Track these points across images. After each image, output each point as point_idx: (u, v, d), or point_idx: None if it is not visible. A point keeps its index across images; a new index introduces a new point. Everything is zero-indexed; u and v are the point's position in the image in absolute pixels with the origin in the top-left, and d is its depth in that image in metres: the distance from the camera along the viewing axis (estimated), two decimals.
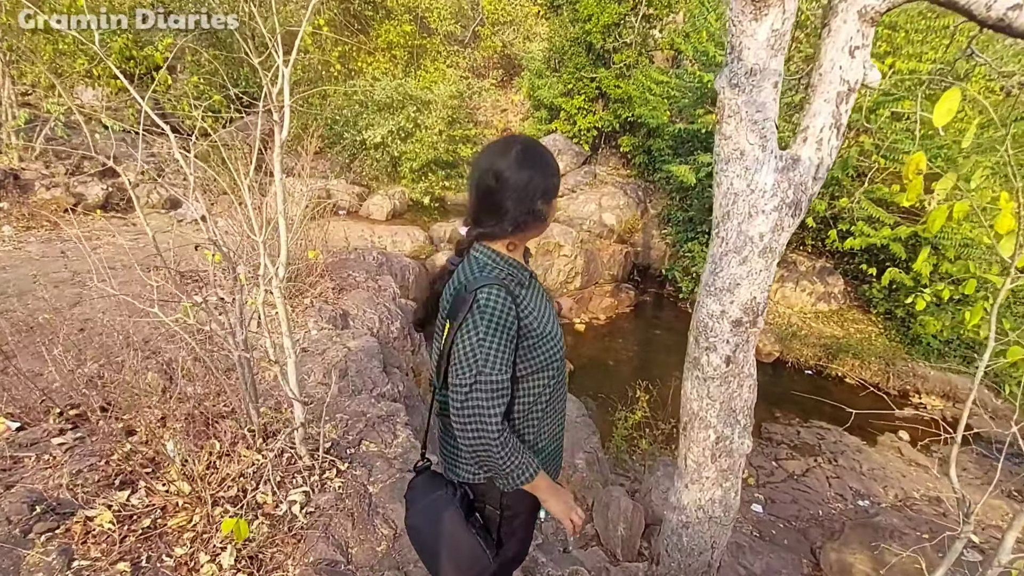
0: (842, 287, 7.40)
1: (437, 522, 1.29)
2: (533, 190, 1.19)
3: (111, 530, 1.67)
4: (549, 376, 1.27)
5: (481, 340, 1.13)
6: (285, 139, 1.85)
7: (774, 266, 1.67)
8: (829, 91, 1.64)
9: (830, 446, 5.26)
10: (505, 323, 1.13)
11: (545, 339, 1.23)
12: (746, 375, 1.76)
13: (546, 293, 1.39)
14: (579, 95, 8.86)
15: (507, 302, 1.14)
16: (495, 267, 1.22)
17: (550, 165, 1.22)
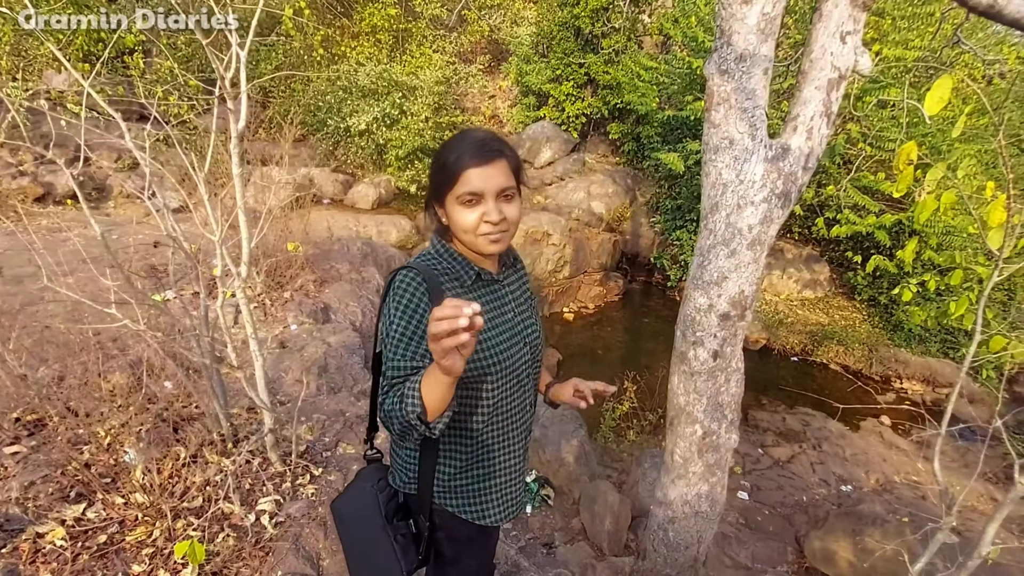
0: (828, 274, 7.45)
1: (357, 513, 1.22)
2: (433, 183, 1.14)
3: (63, 547, 1.58)
4: (484, 387, 1.15)
5: (390, 323, 1.08)
6: (243, 129, 1.76)
7: (763, 259, 1.64)
8: (820, 78, 1.60)
9: (815, 432, 5.32)
10: (411, 306, 1.06)
11: (477, 347, 1.11)
12: (733, 369, 1.74)
13: (514, 307, 1.25)
14: (567, 81, 8.76)
15: (418, 287, 1.07)
16: (432, 258, 1.17)
17: (441, 157, 1.11)
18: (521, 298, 1.30)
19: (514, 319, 1.23)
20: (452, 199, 1.08)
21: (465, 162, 1.05)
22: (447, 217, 1.12)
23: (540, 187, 8.53)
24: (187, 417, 1.93)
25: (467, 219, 1.08)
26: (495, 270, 1.23)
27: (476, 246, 1.11)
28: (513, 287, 1.28)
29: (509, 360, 1.17)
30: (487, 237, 1.10)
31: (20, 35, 6.55)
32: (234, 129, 1.73)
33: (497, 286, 1.23)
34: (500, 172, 1.08)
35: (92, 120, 5.61)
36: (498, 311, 1.20)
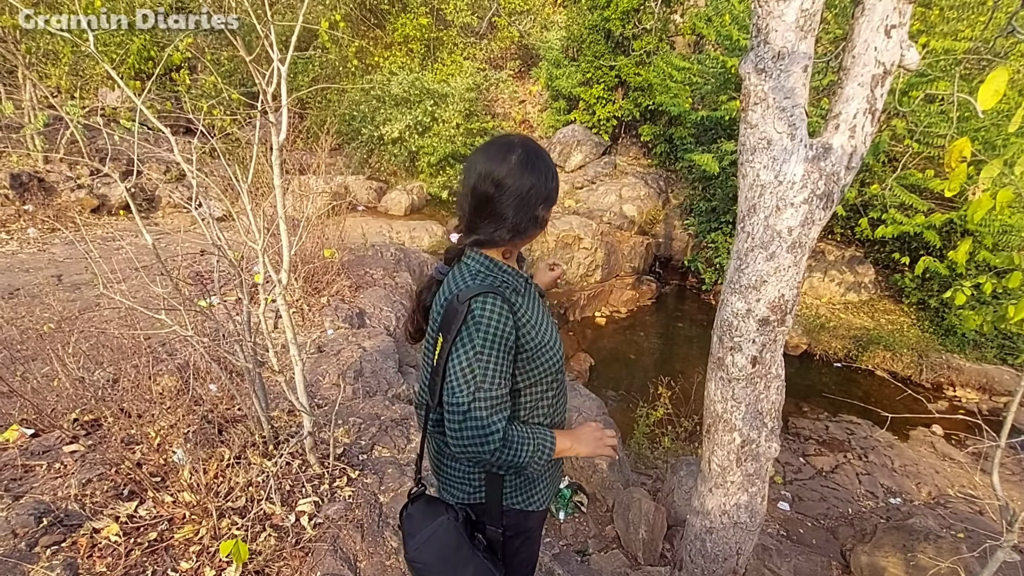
0: (873, 277, 7.17)
1: (443, 552, 1.20)
2: (535, 197, 1.15)
3: (117, 543, 1.64)
4: (548, 384, 1.22)
5: (478, 354, 1.06)
6: (284, 141, 1.81)
7: (804, 262, 1.58)
8: (863, 74, 1.54)
9: (860, 441, 5.11)
10: (502, 335, 1.07)
11: (543, 348, 1.17)
12: (773, 376, 1.68)
13: (542, 299, 1.32)
14: (598, 84, 8.71)
15: (504, 312, 1.08)
16: (489, 275, 1.15)
17: (551, 169, 1.18)
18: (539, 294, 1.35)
19: (548, 314, 1.27)
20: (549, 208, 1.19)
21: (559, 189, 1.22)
22: (541, 222, 1.18)
23: (571, 191, 8.49)
24: (231, 419, 1.99)
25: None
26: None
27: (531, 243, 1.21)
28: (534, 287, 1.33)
29: (560, 360, 1.23)
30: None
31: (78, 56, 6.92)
32: (276, 141, 1.78)
33: (534, 289, 1.27)
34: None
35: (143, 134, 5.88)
36: (544, 311, 1.25)
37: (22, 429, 1.93)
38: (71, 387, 2.02)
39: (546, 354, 1.18)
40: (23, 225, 4.52)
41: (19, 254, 4.00)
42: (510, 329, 1.09)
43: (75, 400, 2.05)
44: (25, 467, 1.89)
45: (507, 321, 1.08)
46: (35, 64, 5.66)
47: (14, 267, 3.62)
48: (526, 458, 1.12)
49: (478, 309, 1.06)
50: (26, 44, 5.06)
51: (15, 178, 5.04)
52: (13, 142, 5.12)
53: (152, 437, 1.81)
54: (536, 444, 1.14)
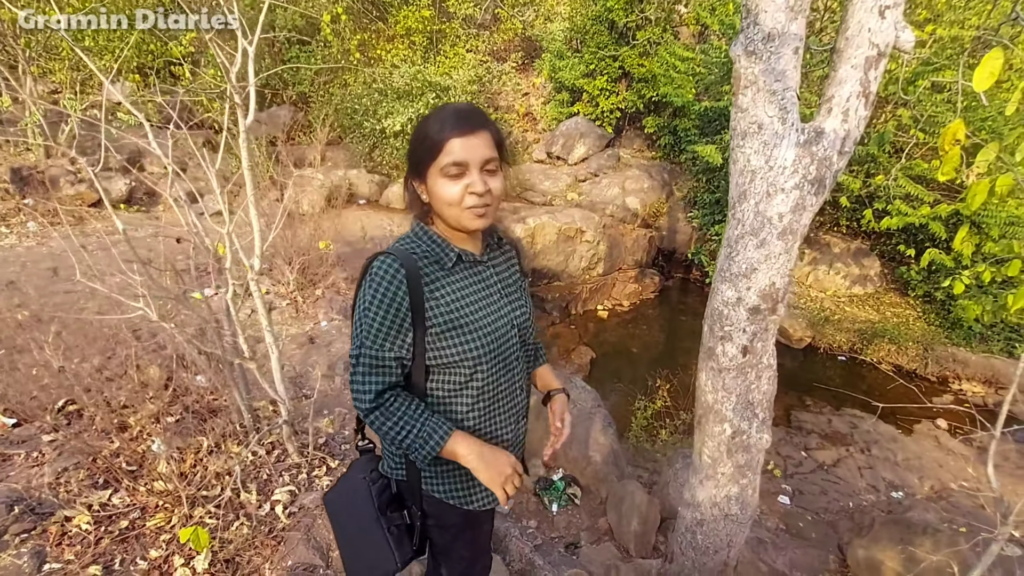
0: (878, 269, 7.09)
1: (351, 508, 1.20)
2: (411, 156, 1.11)
3: (88, 531, 1.63)
4: (468, 377, 1.13)
5: (366, 310, 1.06)
6: (250, 124, 1.78)
7: (795, 249, 1.55)
8: (857, 56, 1.50)
9: (863, 435, 5.06)
10: (390, 296, 1.04)
11: (458, 331, 1.09)
12: (764, 366, 1.65)
13: (500, 288, 1.22)
14: (601, 75, 8.63)
15: (396, 274, 1.04)
16: (411, 241, 1.13)
17: (418, 134, 1.08)
18: (509, 279, 1.26)
19: (500, 300, 1.19)
20: (435, 172, 1.05)
21: (448, 132, 1.02)
22: (429, 193, 1.08)
23: (574, 183, 8.44)
24: (215, 409, 1.98)
25: (451, 191, 1.04)
26: (478, 251, 1.19)
27: (460, 221, 1.08)
28: (500, 267, 1.24)
29: (495, 344, 1.14)
30: (472, 211, 1.06)
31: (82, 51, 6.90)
32: (242, 123, 1.76)
33: (481, 267, 1.19)
34: (484, 143, 1.05)
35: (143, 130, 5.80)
36: (482, 292, 1.16)
37: (3, 419, 1.94)
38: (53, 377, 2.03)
39: (460, 338, 1.10)
40: (23, 219, 4.54)
41: (17, 247, 4.02)
42: (402, 294, 1.04)
43: (59, 390, 2.06)
44: (3, 456, 1.89)
45: (398, 284, 1.04)
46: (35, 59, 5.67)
47: (10, 260, 3.63)
48: (401, 439, 1.08)
49: (375, 266, 1.06)
50: (25, 39, 5.06)
51: (15, 172, 5.06)
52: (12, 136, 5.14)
53: (132, 426, 1.81)
54: (420, 431, 1.07)
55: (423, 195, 1.11)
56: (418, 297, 1.05)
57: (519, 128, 10.14)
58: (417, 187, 1.12)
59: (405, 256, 1.07)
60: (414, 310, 1.05)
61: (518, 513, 2.42)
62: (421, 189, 1.11)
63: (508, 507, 1.00)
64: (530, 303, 1.34)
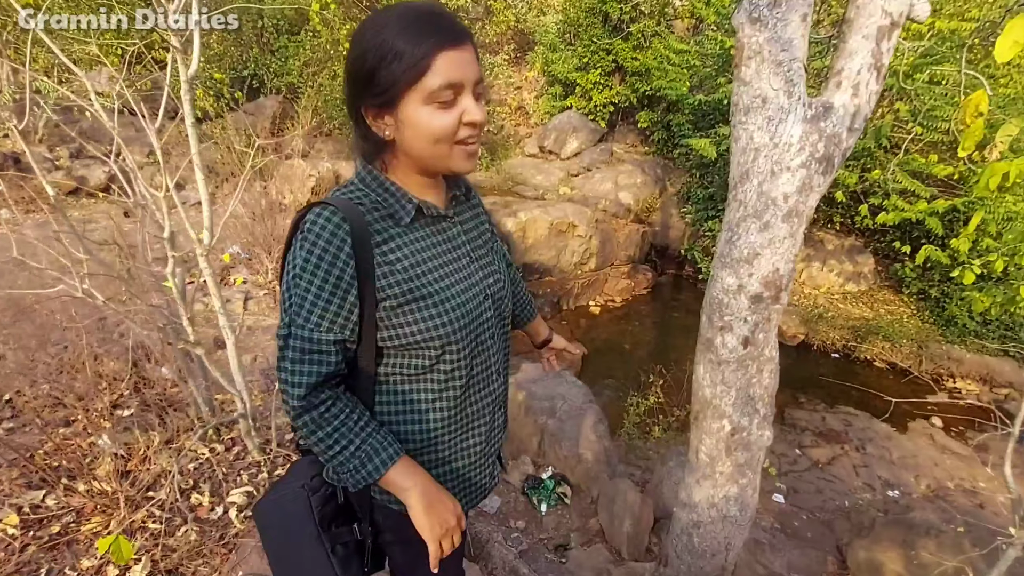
0: (872, 266, 7.04)
1: (285, 520, 0.98)
2: (367, 91, 0.82)
3: (14, 536, 1.47)
4: (430, 365, 0.92)
5: (296, 278, 0.82)
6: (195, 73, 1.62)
7: (800, 233, 1.45)
8: (868, 25, 1.39)
9: (858, 433, 5.00)
10: (330, 259, 0.81)
11: (421, 304, 0.87)
12: (767, 358, 1.55)
13: (469, 250, 0.99)
14: (595, 69, 8.51)
15: (337, 230, 0.81)
16: (356, 189, 0.89)
17: (375, 51, 0.79)
18: (479, 239, 1.04)
19: (470, 266, 0.98)
20: (417, 99, 0.79)
21: (435, 45, 0.77)
22: (403, 126, 0.83)
23: (566, 178, 8.33)
24: (177, 403, 1.85)
25: (442, 123, 0.81)
26: (442, 204, 0.97)
27: (448, 162, 0.86)
28: (468, 225, 1.02)
29: (465, 319, 0.92)
30: (465, 147, 0.85)
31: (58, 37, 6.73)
32: (183, 72, 1.59)
33: (446, 224, 0.96)
34: (473, 57, 0.83)
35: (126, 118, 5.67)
36: (448, 256, 0.94)
37: None
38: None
39: (422, 313, 0.88)
40: None
41: None
42: (344, 257, 0.81)
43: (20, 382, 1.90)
44: None
45: (339, 244, 0.81)
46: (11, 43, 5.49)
47: None
48: (333, 455, 0.88)
49: (309, 222, 0.83)
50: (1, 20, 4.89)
51: None
52: None
53: (79, 421, 1.66)
54: (358, 449, 0.87)
55: (386, 131, 0.85)
56: (367, 261, 0.83)
57: (511, 122, 10.01)
58: (375, 121, 0.85)
59: (349, 208, 0.83)
60: (361, 277, 0.83)
61: (506, 513, 2.31)
62: (384, 123, 0.84)
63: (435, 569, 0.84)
64: (506, 270, 1.12)
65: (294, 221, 0.86)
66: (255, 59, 9.19)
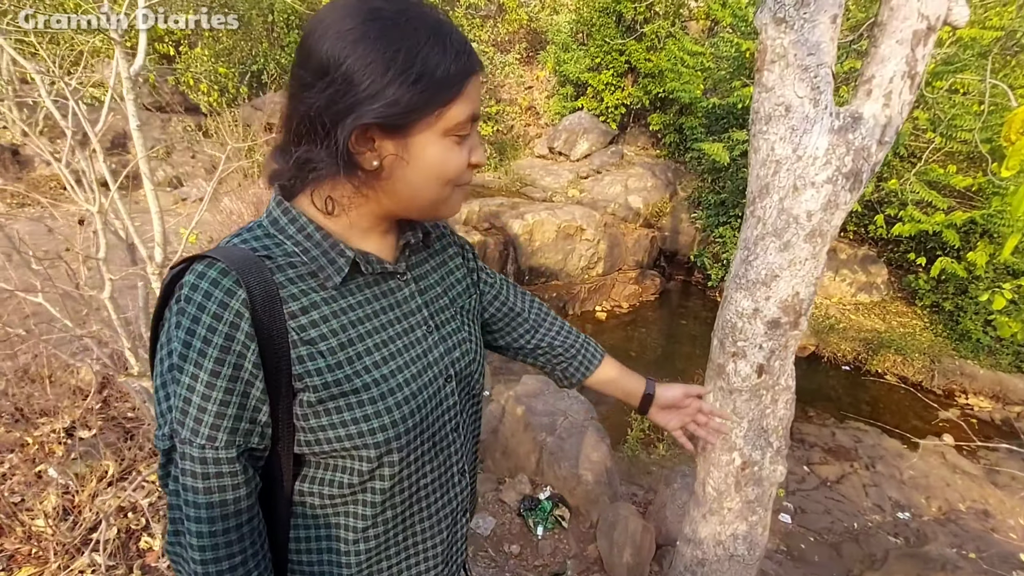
0: (885, 277, 6.88)
1: None
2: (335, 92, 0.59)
3: None
4: (371, 467, 0.67)
5: (175, 369, 0.59)
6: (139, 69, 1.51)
7: (823, 254, 1.33)
8: (903, 29, 1.27)
9: (867, 450, 4.87)
10: (217, 342, 0.58)
11: (355, 396, 0.65)
12: (782, 388, 1.44)
13: (427, 315, 0.76)
14: (607, 70, 8.39)
15: (229, 299, 0.59)
16: (265, 235, 0.66)
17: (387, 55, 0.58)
18: (443, 298, 0.80)
19: (427, 339, 0.74)
20: (438, 129, 0.62)
21: (471, 66, 0.62)
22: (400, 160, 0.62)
23: (575, 180, 8.21)
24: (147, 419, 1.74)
25: (458, 161, 0.65)
26: (391, 255, 0.74)
27: (442, 208, 0.68)
28: (427, 281, 0.78)
29: (416, 415, 0.70)
30: (464, 190, 0.70)
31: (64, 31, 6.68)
32: (124, 67, 1.47)
33: (395, 283, 0.73)
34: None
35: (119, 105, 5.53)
36: (395, 328, 0.71)
37: None
38: None
39: (355, 412, 0.65)
40: None
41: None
42: (243, 336, 0.59)
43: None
44: None
45: (234, 318, 0.58)
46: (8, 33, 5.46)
47: None
48: None
49: (187, 286, 0.59)
50: None
51: None
52: None
53: (29, 445, 1.54)
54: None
55: (375, 160, 0.62)
56: (276, 338, 0.61)
57: (521, 122, 9.90)
58: (363, 144, 0.62)
59: (247, 264, 0.60)
60: (269, 363, 0.61)
61: (499, 536, 2.20)
62: (377, 150, 0.62)
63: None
64: (477, 329, 0.86)
65: (165, 283, 0.62)
66: (264, 54, 9.12)
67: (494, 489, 2.52)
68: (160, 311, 0.63)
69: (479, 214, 6.49)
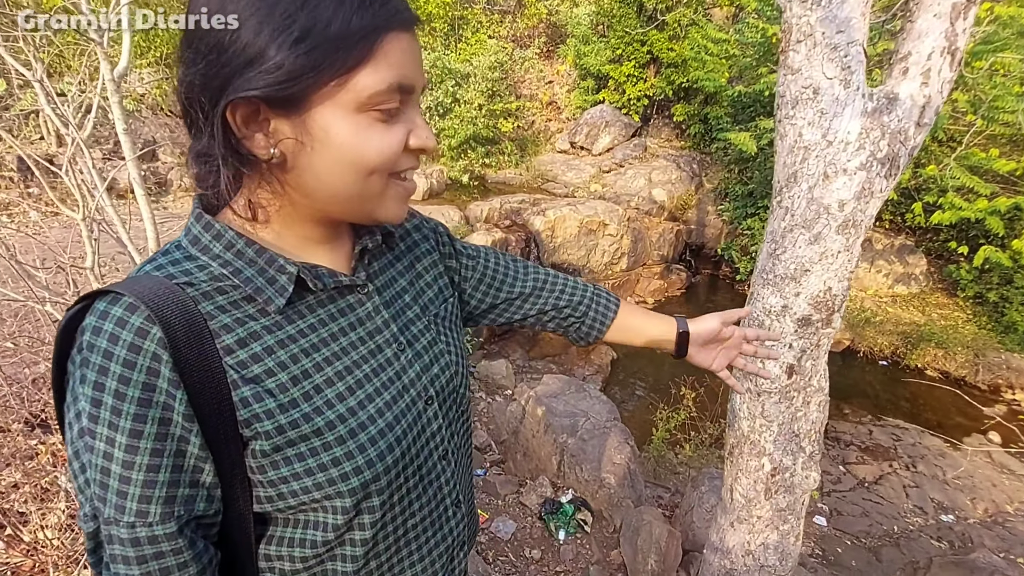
0: (924, 267, 6.60)
1: None
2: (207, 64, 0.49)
3: None
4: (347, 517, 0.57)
5: (89, 434, 0.48)
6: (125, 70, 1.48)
7: (858, 246, 1.24)
8: (941, 2, 1.17)
9: (907, 449, 4.67)
10: (133, 394, 0.47)
11: (317, 438, 0.54)
12: (815, 389, 1.35)
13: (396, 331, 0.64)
14: (628, 61, 8.23)
15: (141, 342, 0.47)
16: (185, 256, 0.54)
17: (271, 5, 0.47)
18: (414, 306, 0.68)
19: (398, 359, 0.63)
20: (345, 102, 0.49)
21: (387, 21, 0.48)
22: (302, 145, 0.50)
23: (598, 174, 8.10)
24: None
25: (384, 143, 0.51)
26: (345, 265, 0.62)
27: (374, 206, 0.55)
28: (393, 290, 0.66)
29: (396, 450, 0.59)
30: (403, 184, 0.56)
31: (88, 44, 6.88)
32: (106, 70, 1.44)
33: (353, 298, 0.61)
34: (419, 48, 0.54)
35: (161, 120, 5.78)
36: (358, 351, 0.60)
37: None
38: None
39: (322, 456, 0.55)
40: (25, 208, 4.45)
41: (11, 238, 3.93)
42: (164, 384, 0.48)
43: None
44: None
45: (150, 362, 0.47)
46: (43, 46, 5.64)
47: None
48: None
49: (88, 331, 0.48)
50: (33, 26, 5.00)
51: (22, 161, 4.98)
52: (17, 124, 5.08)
53: (42, 452, 1.54)
54: None
55: (272, 147, 0.50)
56: (210, 380, 0.50)
57: (542, 118, 9.82)
58: (250, 127, 0.50)
59: (160, 296, 0.49)
60: (203, 410, 0.50)
61: (520, 540, 2.16)
62: (271, 134, 0.50)
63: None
64: (460, 336, 0.74)
65: (60, 329, 0.50)
66: None
67: (515, 492, 2.48)
68: (60, 364, 0.51)
69: (500, 211, 6.44)
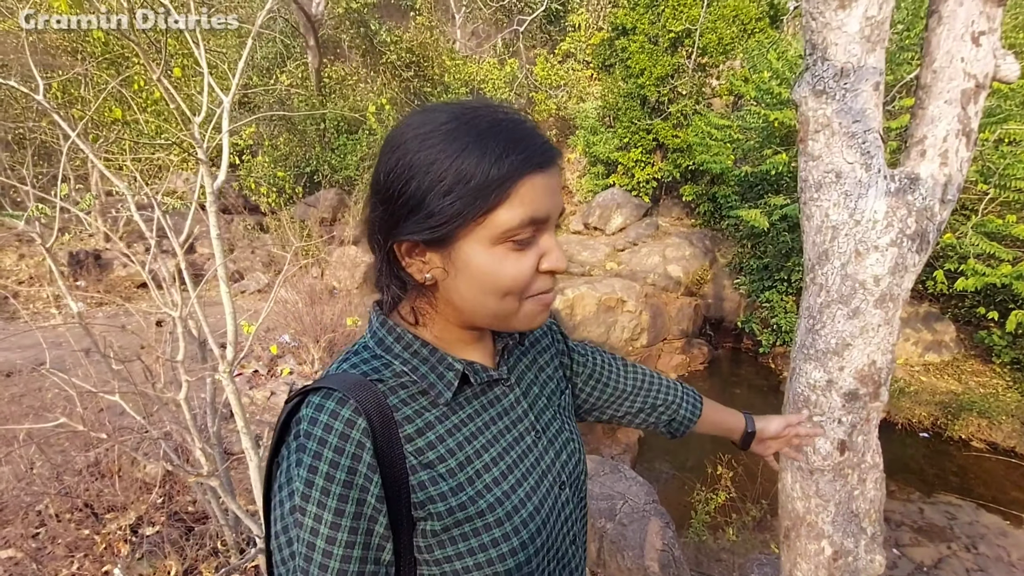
0: (953, 334, 6.47)
1: None
2: (382, 211, 0.61)
3: None
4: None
5: (298, 511, 0.55)
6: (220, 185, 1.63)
7: (897, 319, 1.27)
8: (950, 90, 1.27)
9: (964, 528, 4.37)
10: (340, 478, 0.54)
11: (481, 519, 0.60)
12: (869, 465, 1.32)
13: (533, 419, 0.71)
14: (636, 148, 8.65)
15: (351, 432, 0.55)
16: (373, 355, 0.63)
17: (425, 164, 0.57)
18: (542, 397, 0.75)
19: (537, 445, 0.69)
20: (484, 237, 0.57)
21: (522, 167, 0.57)
22: (449, 272, 0.60)
23: (612, 253, 8.26)
24: (205, 517, 1.72)
25: (516, 270, 0.59)
26: (491, 360, 0.70)
27: (512, 321, 0.63)
28: (527, 381, 0.74)
29: (544, 532, 0.65)
30: (541, 299, 0.63)
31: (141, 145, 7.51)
32: (208, 184, 1.59)
33: (500, 390, 0.69)
34: (559, 184, 0.62)
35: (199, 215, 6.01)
36: (507, 438, 0.66)
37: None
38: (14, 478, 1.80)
39: (485, 536, 0.60)
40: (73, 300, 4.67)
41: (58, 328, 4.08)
42: (366, 469, 0.55)
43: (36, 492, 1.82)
44: None
45: (356, 450, 0.55)
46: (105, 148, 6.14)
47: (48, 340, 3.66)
48: None
49: (306, 420, 0.56)
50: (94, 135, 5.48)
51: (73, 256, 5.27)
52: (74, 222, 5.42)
53: (98, 544, 1.55)
54: None
55: (427, 273, 0.61)
56: (395, 467, 0.57)
57: None
58: (412, 258, 0.61)
59: (363, 391, 0.58)
60: (390, 494, 0.57)
61: None
62: (426, 263, 0.61)
63: None
64: (576, 430, 0.80)
65: (280, 421, 0.59)
66: (316, 156, 9.86)
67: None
68: (276, 450, 0.59)
69: None
